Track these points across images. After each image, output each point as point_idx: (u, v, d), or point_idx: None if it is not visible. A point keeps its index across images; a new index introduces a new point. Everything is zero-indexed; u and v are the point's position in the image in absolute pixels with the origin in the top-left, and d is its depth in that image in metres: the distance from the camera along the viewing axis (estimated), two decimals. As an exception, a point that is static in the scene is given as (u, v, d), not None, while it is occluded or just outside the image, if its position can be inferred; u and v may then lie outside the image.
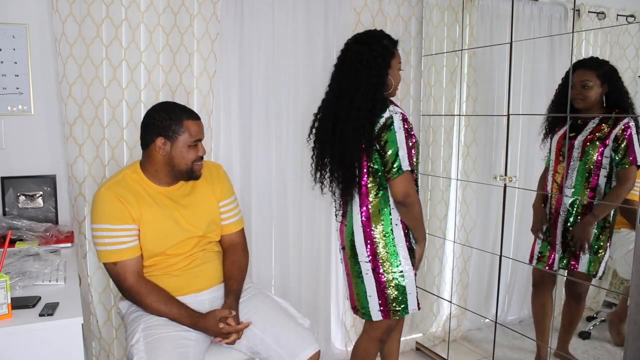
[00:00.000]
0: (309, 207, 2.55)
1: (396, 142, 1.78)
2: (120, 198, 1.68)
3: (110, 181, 1.75)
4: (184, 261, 1.79)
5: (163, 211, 1.75)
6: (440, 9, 2.73)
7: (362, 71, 1.81)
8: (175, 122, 1.71)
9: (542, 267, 2.48)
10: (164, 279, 1.75)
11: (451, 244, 2.90)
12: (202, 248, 1.84)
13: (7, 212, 2.03)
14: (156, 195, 1.76)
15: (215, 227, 1.88)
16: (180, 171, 1.76)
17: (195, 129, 1.74)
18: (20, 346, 1.30)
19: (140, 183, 1.75)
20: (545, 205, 2.50)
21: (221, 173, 1.95)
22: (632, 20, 3.10)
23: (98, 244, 1.70)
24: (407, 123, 1.82)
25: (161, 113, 1.73)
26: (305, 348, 1.72)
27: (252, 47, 2.35)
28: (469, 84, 2.81)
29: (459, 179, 2.87)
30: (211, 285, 1.83)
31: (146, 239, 1.72)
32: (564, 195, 2.36)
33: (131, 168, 1.79)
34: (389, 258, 1.88)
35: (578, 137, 2.33)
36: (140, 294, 1.68)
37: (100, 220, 1.68)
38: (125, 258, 1.68)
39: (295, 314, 1.87)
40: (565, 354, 2.57)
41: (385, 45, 1.86)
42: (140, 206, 1.71)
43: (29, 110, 2.08)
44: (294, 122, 2.47)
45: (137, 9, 2.10)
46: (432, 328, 2.97)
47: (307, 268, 2.60)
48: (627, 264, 2.65)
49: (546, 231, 2.47)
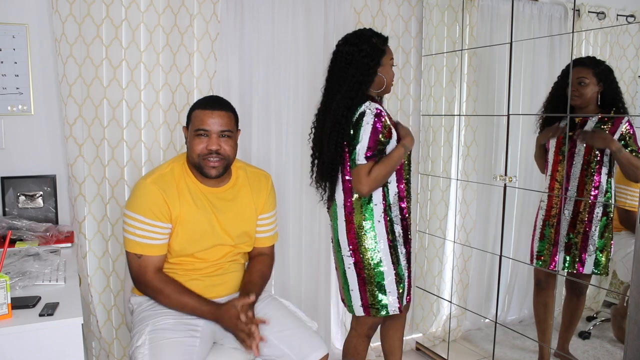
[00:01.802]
0: (309, 207, 2.55)
1: (359, 135, 1.83)
2: (163, 194, 1.64)
3: (157, 172, 1.70)
4: (210, 268, 1.76)
5: (200, 212, 1.71)
6: (440, 9, 2.73)
7: (349, 71, 1.88)
8: (190, 111, 1.71)
9: (543, 266, 2.48)
10: (185, 279, 1.72)
11: (451, 244, 2.90)
12: (231, 258, 1.80)
13: (7, 212, 2.03)
14: (198, 193, 1.72)
15: (247, 239, 1.83)
16: (194, 163, 1.70)
17: (200, 118, 1.67)
18: (20, 346, 1.30)
19: (185, 178, 1.71)
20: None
21: (269, 184, 1.88)
22: (632, 20, 3.10)
23: (128, 231, 1.66)
24: (381, 119, 1.84)
25: (194, 104, 1.75)
26: (314, 351, 1.71)
27: (252, 47, 2.35)
28: (469, 84, 2.81)
29: (459, 179, 2.86)
30: (227, 294, 1.80)
31: (177, 237, 1.69)
32: (568, 196, 2.36)
33: (180, 161, 1.75)
34: (369, 254, 1.92)
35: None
36: (159, 286, 1.65)
37: (136, 210, 1.65)
38: (151, 254, 1.65)
39: (303, 317, 1.86)
40: (565, 354, 2.57)
41: (374, 44, 1.89)
42: (181, 205, 1.67)
43: (29, 110, 2.08)
44: (294, 122, 2.47)
45: (137, 9, 2.11)
46: (432, 328, 2.97)
47: (307, 268, 2.60)
48: (625, 266, 2.66)
49: (548, 231, 2.47)
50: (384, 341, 2.24)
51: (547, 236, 2.47)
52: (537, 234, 2.53)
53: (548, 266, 2.47)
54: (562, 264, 2.42)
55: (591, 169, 2.31)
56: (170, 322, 1.65)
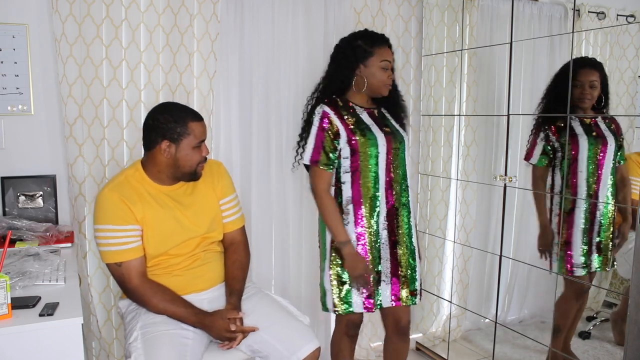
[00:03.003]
0: (309, 207, 2.55)
1: (308, 137, 1.94)
2: (124, 199, 1.67)
3: (113, 182, 1.74)
4: (185, 261, 1.79)
5: (165, 211, 1.74)
6: (440, 9, 2.73)
7: (329, 68, 2.01)
8: (180, 125, 1.69)
9: (588, 272, 2.45)
10: (165, 278, 1.74)
11: (451, 244, 2.90)
12: (204, 248, 1.83)
13: (7, 212, 2.03)
14: (158, 195, 1.75)
15: (217, 226, 1.87)
16: (184, 173, 1.75)
17: (199, 130, 1.72)
18: (20, 346, 1.30)
19: (142, 183, 1.74)
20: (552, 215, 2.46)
21: (222, 170, 1.93)
22: (632, 20, 3.10)
23: (101, 244, 1.69)
24: (326, 120, 1.90)
25: (165, 115, 1.70)
26: (305, 344, 1.72)
27: (252, 47, 2.35)
28: (469, 84, 2.81)
29: (459, 179, 2.86)
30: (211, 286, 1.83)
31: (149, 240, 1.71)
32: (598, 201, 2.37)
33: (133, 168, 1.78)
34: (321, 254, 2.04)
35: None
36: (145, 294, 1.67)
37: (103, 221, 1.67)
38: (129, 258, 1.67)
39: (294, 311, 1.89)
40: (568, 354, 2.57)
41: (357, 46, 1.93)
42: (143, 207, 1.70)
43: (29, 110, 2.08)
44: (294, 122, 2.47)
45: (137, 9, 2.10)
46: (432, 328, 2.97)
47: (307, 267, 2.60)
48: (626, 262, 2.65)
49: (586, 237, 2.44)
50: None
51: (587, 242, 2.43)
52: (577, 242, 2.42)
53: (589, 271, 2.45)
54: (596, 264, 2.42)
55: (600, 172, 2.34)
56: (161, 316, 1.68)
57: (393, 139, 1.96)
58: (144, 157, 1.79)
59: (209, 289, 1.82)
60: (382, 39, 1.96)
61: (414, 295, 2.04)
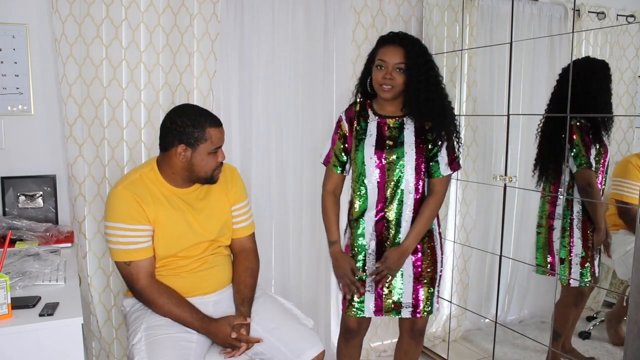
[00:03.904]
0: (309, 207, 2.55)
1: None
2: (137, 198, 1.65)
3: (127, 180, 1.71)
4: (193, 264, 1.77)
5: (177, 214, 1.72)
6: (440, 9, 2.73)
7: None
8: (197, 130, 1.65)
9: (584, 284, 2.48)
10: (172, 280, 1.73)
11: (451, 244, 2.90)
12: (212, 252, 1.82)
13: (7, 212, 2.03)
14: (171, 196, 1.73)
15: (226, 231, 1.85)
16: (199, 177, 1.72)
17: (217, 136, 1.69)
18: (20, 346, 1.30)
19: (156, 184, 1.72)
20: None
21: (235, 176, 1.90)
22: (632, 20, 3.09)
23: (112, 242, 1.67)
24: (339, 124, 1.97)
25: (183, 118, 1.65)
26: (309, 348, 1.72)
27: (252, 47, 2.35)
28: (469, 84, 2.81)
29: (459, 179, 2.86)
30: (218, 289, 1.81)
31: (159, 241, 1.70)
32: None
33: (148, 166, 1.75)
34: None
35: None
36: (152, 295, 1.66)
37: (115, 219, 1.65)
38: (139, 258, 1.66)
39: (299, 314, 1.87)
40: (569, 352, 2.57)
41: (373, 51, 1.92)
42: (156, 208, 1.68)
43: (29, 110, 2.08)
44: (294, 122, 2.47)
45: (137, 9, 2.11)
46: (432, 328, 2.97)
47: (307, 268, 2.60)
48: (624, 264, 2.65)
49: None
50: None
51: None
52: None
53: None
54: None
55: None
56: (165, 319, 1.67)
57: (387, 153, 1.87)
58: (160, 156, 1.75)
59: (215, 292, 1.80)
60: (384, 38, 1.90)
61: (399, 307, 1.95)
